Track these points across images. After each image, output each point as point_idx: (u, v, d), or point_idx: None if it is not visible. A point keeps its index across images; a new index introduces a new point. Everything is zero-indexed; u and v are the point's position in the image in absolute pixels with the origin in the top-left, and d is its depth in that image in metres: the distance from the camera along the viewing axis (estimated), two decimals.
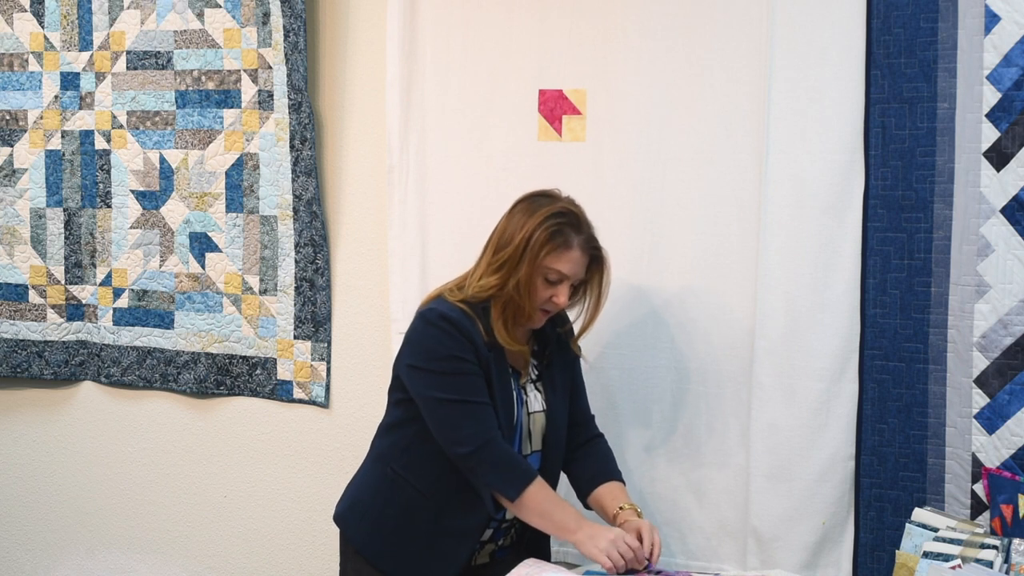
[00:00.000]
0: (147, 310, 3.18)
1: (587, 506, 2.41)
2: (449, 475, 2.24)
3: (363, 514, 2.34)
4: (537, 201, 2.28)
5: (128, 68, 3.13)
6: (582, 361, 2.48)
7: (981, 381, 2.36)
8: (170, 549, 3.27)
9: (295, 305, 3.04)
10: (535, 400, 2.35)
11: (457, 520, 2.26)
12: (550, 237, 2.21)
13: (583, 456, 2.44)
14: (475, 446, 2.17)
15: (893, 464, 2.49)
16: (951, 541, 2.09)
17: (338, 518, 2.41)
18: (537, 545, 2.42)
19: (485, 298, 2.24)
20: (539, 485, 2.20)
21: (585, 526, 2.18)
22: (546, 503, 2.20)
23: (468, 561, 2.31)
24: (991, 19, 2.31)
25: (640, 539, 2.18)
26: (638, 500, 2.71)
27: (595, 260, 2.31)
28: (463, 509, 2.26)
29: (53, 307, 3.26)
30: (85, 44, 3.17)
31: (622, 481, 2.41)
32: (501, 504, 2.23)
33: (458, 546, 2.27)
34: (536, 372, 2.37)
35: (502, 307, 2.24)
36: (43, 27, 3.21)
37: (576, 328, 2.43)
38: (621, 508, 2.30)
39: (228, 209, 3.07)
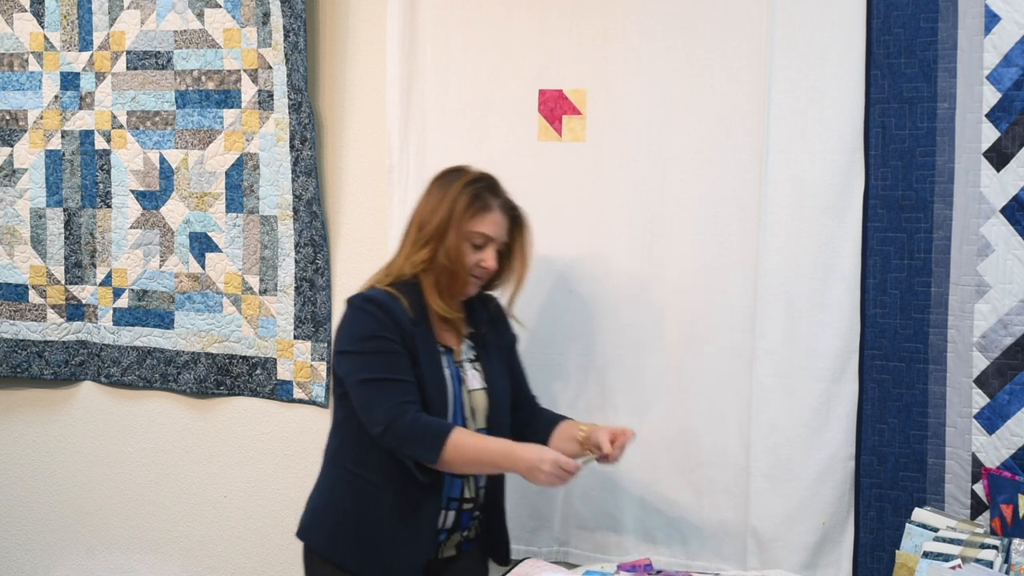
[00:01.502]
0: (147, 310, 3.18)
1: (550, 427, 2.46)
2: (396, 460, 2.24)
3: (324, 519, 2.34)
4: (451, 175, 2.36)
5: (128, 68, 3.13)
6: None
7: (981, 381, 2.37)
8: (170, 549, 3.27)
9: (295, 305, 3.04)
10: (474, 378, 2.36)
11: (414, 507, 2.26)
12: (471, 202, 2.30)
13: (532, 423, 2.47)
14: (386, 422, 2.18)
15: (893, 464, 2.49)
16: (951, 541, 2.09)
17: (301, 532, 2.38)
18: (498, 538, 2.45)
19: (414, 274, 2.31)
20: (456, 437, 2.19)
21: (519, 463, 2.20)
22: (469, 451, 2.21)
23: (434, 549, 2.32)
24: (991, 19, 2.31)
25: (612, 442, 2.29)
26: (638, 499, 2.71)
27: (515, 222, 2.39)
28: (418, 494, 2.26)
29: (53, 307, 3.26)
30: (85, 44, 3.17)
31: (568, 419, 2.48)
32: (430, 470, 2.23)
33: (420, 534, 2.28)
34: (473, 352, 2.39)
35: (435, 279, 2.30)
36: (43, 27, 3.21)
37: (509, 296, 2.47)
38: (581, 430, 2.37)
39: (228, 209, 3.07)
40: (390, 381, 2.21)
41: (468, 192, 2.31)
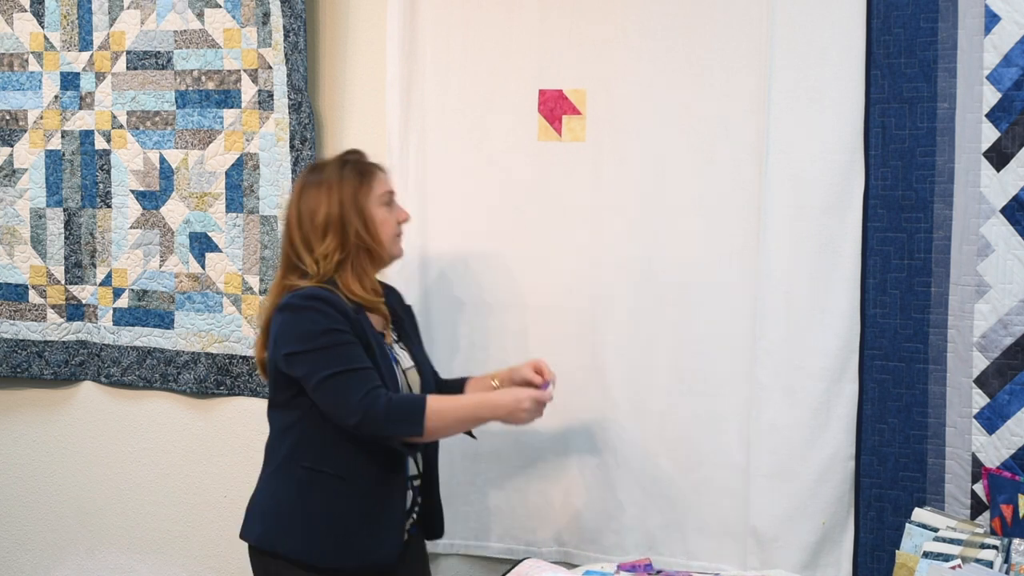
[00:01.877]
0: (147, 310, 3.18)
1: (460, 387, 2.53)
2: (359, 451, 2.25)
3: (290, 523, 2.27)
4: (315, 172, 2.36)
5: (128, 68, 3.13)
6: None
7: (981, 381, 2.36)
8: (170, 549, 3.27)
9: None
10: (405, 358, 2.40)
11: (383, 494, 2.28)
12: (360, 173, 2.33)
13: (442, 391, 2.49)
14: (362, 411, 2.18)
15: (893, 464, 2.49)
16: (951, 541, 2.09)
17: (261, 540, 2.31)
18: (436, 511, 2.46)
19: (332, 271, 2.29)
20: (433, 405, 2.23)
21: (498, 409, 2.29)
22: (449, 413, 2.26)
23: (405, 530, 2.34)
24: (991, 19, 2.31)
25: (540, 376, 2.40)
26: (639, 500, 2.71)
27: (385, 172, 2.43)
28: (384, 478, 2.28)
29: (53, 307, 3.26)
30: (85, 44, 3.17)
31: (471, 376, 2.58)
32: (412, 444, 2.26)
33: (393, 517, 2.29)
34: (395, 335, 2.44)
35: (351, 266, 2.30)
36: (43, 27, 3.21)
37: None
38: (494, 380, 2.47)
39: (228, 209, 3.07)
40: (353, 371, 2.20)
41: (349, 168, 2.33)
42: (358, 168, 2.34)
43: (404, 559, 2.36)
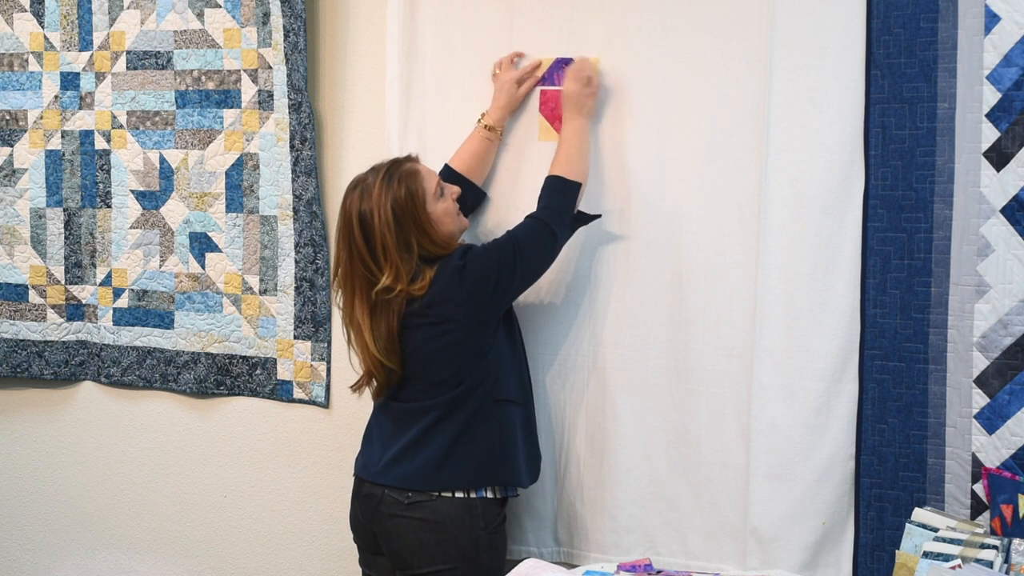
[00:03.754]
0: (147, 310, 3.18)
1: (458, 172, 2.70)
2: (521, 376, 2.58)
3: (501, 456, 2.51)
4: (364, 197, 2.46)
5: (128, 68, 3.13)
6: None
7: (981, 381, 2.36)
8: (170, 549, 3.27)
9: (295, 305, 3.04)
10: None
11: (532, 409, 2.63)
12: (405, 182, 2.44)
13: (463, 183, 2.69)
14: (546, 224, 2.49)
15: (893, 464, 2.49)
16: (951, 541, 2.09)
17: (473, 482, 2.48)
18: None
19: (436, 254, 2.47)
20: (557, 171, 2.55)
21: (575, 118, 2.61)
22: (569, 154, 2.57)
23: None
24: (991, 19, 2.31)
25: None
26: (638, 499, 2.71)
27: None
28: (529, 397, 2.62)
29: (53, 307, 3.26)
30: (85, 44, 3.17)
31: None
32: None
33: (536, 429, 2.64)
34: None
35: (435, 245, 2.47)
36: (43, 27, 3.21)
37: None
38: (483, 125, 2.70)
39: (228, 209, 3.07)
40: (514, 235, 2.48)
41: (392, 181, 2.44)
42: (394, 172, 2.46)
43: None
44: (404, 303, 2.43)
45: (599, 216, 2.63)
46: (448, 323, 2.44)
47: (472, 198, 2.73)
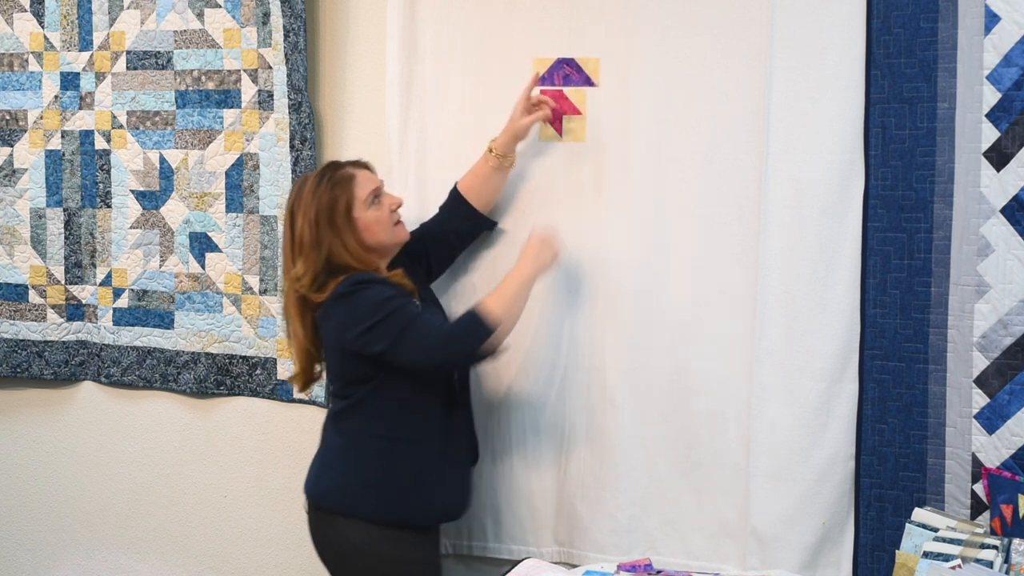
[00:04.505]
0: (147, 310, 3.18)
1: (463, 196, 2.70)
2: (424, 415, 2.48)
3: (369, 487, 2.46)
4: (298, 194, 2.52)
5: (128, 68, 3.13)
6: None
7: (981, 381, 2.37)
8: (170, 549, 3.27)
9: None
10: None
11: (454, 445, 2.54)
12: (334, 186, 2.47)
13: (445, 218, 2.73)
14: (438, 346, 2.38)
15: (893, 464, 2.49)
16: (951, 541, 2.09)
17: (339, 504, 2.48)
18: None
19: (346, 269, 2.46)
20: (484, 301, 2.43)
21: (526, 262, 2.49)
22: (502, 296, 2.44)
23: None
24: (991, 19, 2.31)
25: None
26: (638, 499, 2.71)
27: (368, 165, 2.58)
28: (449, 435, 2.53)
29: (53, 307, 3.26)
30: (85, 44, 3.17)
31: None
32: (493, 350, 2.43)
33: (461, 469, 2.57)
34: (421, 296, 2.57)
35: (355, 263, 2.46)
36: (43, 27, 3.21)
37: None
38: (490, 150, 2.66)
39: (228, 209, 3.07)
40: (418, 318, 2.40)
41: (326, 182, 2.47)
42: (333, 177, 2.48)
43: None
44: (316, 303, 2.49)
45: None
46: (326, 338, 2.50)
47: (470, 222, 2.72)
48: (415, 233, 2.68)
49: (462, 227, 2.72)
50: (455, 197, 2.71)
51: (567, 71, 2.70)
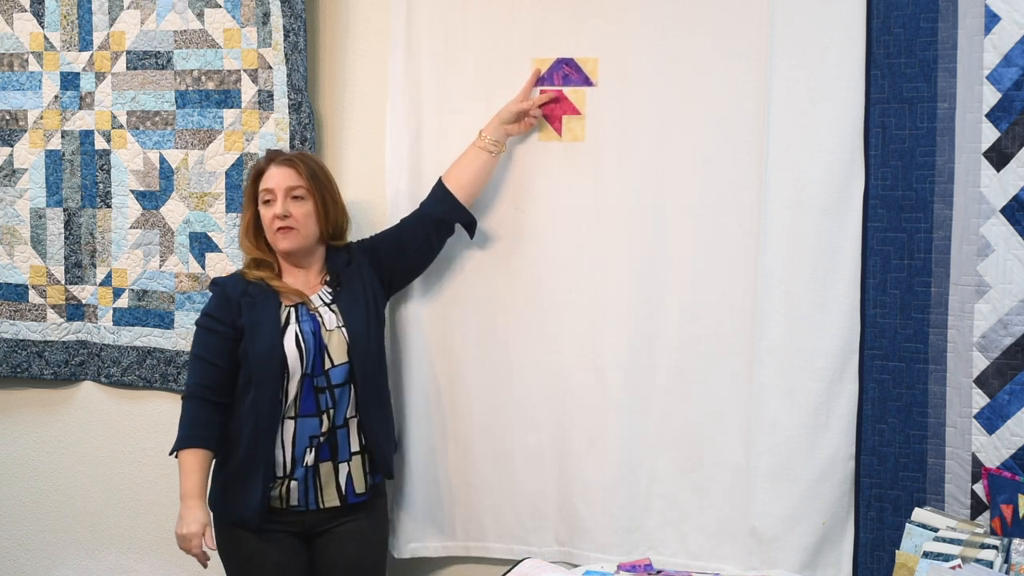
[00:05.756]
0: (147, 310, 3.18)
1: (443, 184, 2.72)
2: (240, 420, 2.61)
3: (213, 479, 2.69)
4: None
5: (128, 68, 3.13)
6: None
7: (981, 381, 2.37)
8: (170, 549, 3.25)
9: None
10: (330, 320, 2.61)
11: (252, 456, 2.60)
12: (250, 172, 2.69)
13: (441, 195, 2.74)
14: (185, 396, 2.64)
15: (893, 464, 2.49)
16: (951, 541, 2.09)
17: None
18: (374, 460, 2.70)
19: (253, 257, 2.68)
20: (187, 455, 2.61)
21: (186, 508, 2.59)
22: (183, 467, 2.62)
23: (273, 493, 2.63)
24: (991, 19, 2.31)
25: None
26: (638, 499, 2.71)
27: (295, 163, 2.64)
28: (252, 447, 2.59)
29: (53, 307, 3.26)
30: (85, 44, 3.17)
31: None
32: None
33: (258, 481, 2.59)
34: (329, 297, 2.64)
35: (256, 251, 2.67)
36: (43, 27, 3.21)
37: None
38: (482, 138, 2.69)
39: (228, 209, 3.07)
40: (201, 360, 2.61)
41: (251, 170, 2.70)
42: (256, 165, 2.68)
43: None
44: None
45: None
46: None
47: (443, 205, 2.72)
48: (389, 231, 2.75)
49: (435, 211, 2.72)
50: (437, 185, 2.74)
51: (566, 71, 2.70)
